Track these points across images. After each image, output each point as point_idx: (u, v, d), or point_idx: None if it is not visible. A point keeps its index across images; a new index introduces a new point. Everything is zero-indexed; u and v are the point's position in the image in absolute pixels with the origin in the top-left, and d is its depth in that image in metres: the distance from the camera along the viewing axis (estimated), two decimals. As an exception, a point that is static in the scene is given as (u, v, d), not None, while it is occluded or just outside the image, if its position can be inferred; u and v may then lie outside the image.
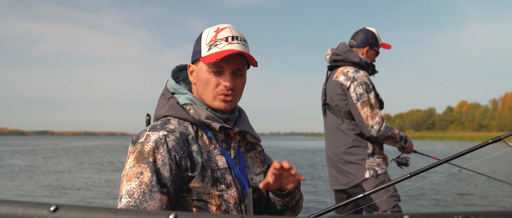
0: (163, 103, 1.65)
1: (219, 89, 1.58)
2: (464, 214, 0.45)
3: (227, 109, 1.62)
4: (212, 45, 1.56)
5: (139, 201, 1.35)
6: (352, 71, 3.35)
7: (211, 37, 1.57)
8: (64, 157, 28.23)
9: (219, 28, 1.59)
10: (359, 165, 3.28)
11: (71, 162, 23.73)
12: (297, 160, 25.22)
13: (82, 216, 0.55)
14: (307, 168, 19.12)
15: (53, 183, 13.71)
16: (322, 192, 10.89)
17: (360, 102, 3.24)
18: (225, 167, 1.56)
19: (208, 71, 1.57)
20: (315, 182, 13.54)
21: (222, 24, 1.61)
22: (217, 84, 1.58)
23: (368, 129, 3.21)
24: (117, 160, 25.34)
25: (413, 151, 3.53)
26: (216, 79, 1.58)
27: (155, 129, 1.51)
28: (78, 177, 15.60)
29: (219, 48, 1.54)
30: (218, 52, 1.53)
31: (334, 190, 3.58)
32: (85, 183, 13.90)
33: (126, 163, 1.48)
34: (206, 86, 1.59)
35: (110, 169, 19.20)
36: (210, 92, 1.59)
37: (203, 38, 1.60)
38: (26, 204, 0.55)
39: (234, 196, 1.54)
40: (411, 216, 0.48)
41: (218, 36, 1.56)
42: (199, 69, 1.61)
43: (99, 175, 16.42)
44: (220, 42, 1.55)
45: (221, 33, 1.57)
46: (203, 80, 1.59)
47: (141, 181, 1.38)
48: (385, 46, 3.64)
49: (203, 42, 1.59)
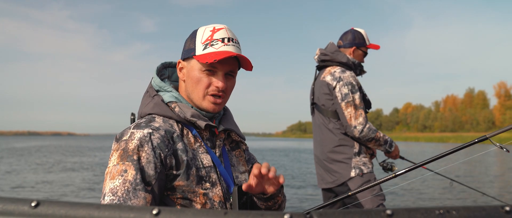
0: (148, 101, 1.63)
1: (210, 89, 1.58)
2: (445, 209, 0.46)
3: (215, 111, 1.62)
4: (208, 44, 1.55)
5: (123, 199, 1.34)
6: (338, 71, 3.36)
7: (207, 37, 1.56)
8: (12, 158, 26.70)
9: (215, 28, 1.58)
10: (345, 164, 3.30)
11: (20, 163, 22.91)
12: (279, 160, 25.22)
13: (64, 212, 0.55)
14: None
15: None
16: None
17: (345, 102, 3.26)
18: (210, 165, 1.56)
19: (200, 70, 1.56)
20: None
21: (218, 25, 1.60)
22: (208, 84, 1.57)
23: (351, 129, 3.23)
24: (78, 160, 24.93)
25: (399, 156, 3.53)
26: (208, 79, 1.57)
27: (139, 127, 1.49)
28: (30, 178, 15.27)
29: (215, 49, 1.54)
30: (215, 52, 1.52)
31: (321, 188, 3.60)
32: (36, 183, 13.69)
33: (109, 160, 1.46)
34: (196, 85, 1.58)
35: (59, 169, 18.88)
36: (201, 91, 1.58)
37: (198, 36, 1.58)
38: (6, 200, 0.54)
39: (219, 195, 1.54)
40: (393, 211, 0.48)
41: (215, 36, 1.55)
42: (191, 67, 1.59)
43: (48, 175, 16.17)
44: (216, 43, 1.54)
45: (218, 33, 1.56)
46: (194, 79, 1.58)
47: (125, 179, 1.37)
48: (373, 47, 3.65)
49: (198, 40, 1.57)
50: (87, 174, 16.86)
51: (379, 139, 3.29)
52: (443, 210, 0.46)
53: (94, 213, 0.55)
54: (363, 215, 0.49)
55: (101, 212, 0.55)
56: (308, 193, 11.19)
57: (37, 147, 45.77)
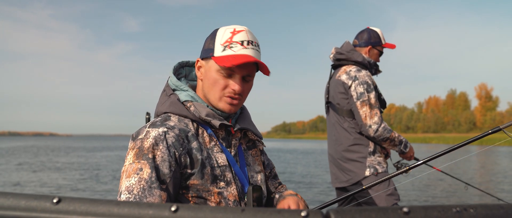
0: (164, 100, 1.64)
1: (226, 91, 1.58)
2: (463, 206, 0.46)
3: (231, 112, 1.62)
4: (227, 46, 1.54)
5: (138, 197, 1.35)
6: (354, 71, 3.34)
7: (226, 38, 1.55)
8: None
9: (235, 30, 1.56)
10: (360, 163, 3.28)
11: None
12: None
13: (85, 208, 0.56)
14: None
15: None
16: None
17: (360, 101, 3.24)
18: (225, 165, 1.56)
19: (218, 71, 1.56)
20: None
21: (239, 26, 1.58)
22: (225, 86, 1.57)
23: (366, 128, 3.20)
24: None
25: (414, 158, 3.49)
26: (225, 80, 1.57)
27: (155, 125, 1.50)
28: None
29: (234, 52, 1.53)
30: (233, 56, 1.52)
31: (335, 188, 3.58)
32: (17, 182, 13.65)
33: (125, 159, 1.47)
34: (213, 86, 1.58)
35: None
36: (217, 92, 1.58)
37: (218, 37, 1.57)
38: (29, 197, 0.55)
39: (233, 194, 1.55)
40: (410, 208, 0.48)
41: (234, 39, 1.54)
42: (209, 67, 1.59)
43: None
44: (235, 45, 1.53)
45: (237, 35, 1.55)
46: (211, 80, 1.58)
47: (141, 177, 1.38)
48: (389, 46, 3.62)
49: (218, 41, 1.56)
50: (71, 174, 16.68)
51: (394, 139, 3.26)
52: (460, 208, 0.46)
53: (113, 210, 0.56)
54: (380, 212, 0.48)
55: (121, 209, 0.56)
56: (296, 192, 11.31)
57: (22, 148, 45.12)
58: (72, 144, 68.32)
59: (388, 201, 3.17)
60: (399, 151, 3.36)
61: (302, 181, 14.66)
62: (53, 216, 0.54)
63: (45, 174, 16.78)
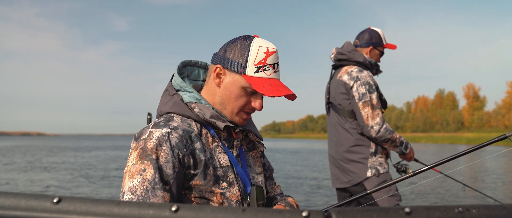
0: (167, 100, 1.64)
1: (247, 108, 1.60)
2: (465, 207, 0.46)
3: (243, 125, 1.66)
4: (261, 69, 1.54)
5: (141, 198, 1.35)
6: (356, 71, 3.33)
7: (260, 59, 1.54)
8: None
9: (269, 51, 1.55)
10: (362, 164, 3.27)
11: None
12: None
13: (85, 208, 0.56)
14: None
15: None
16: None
17: (362, 102, 3.23)
18: (227, 165, 1.56)
19: (243, 88, 1.56)
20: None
21: (272, 46, 1.57)
22: (247, 103, 1.59)
23: (368, 129, 3.20)
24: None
25: (414, 159, 3.51)
26: (247, 98, 1.58)
27: (158, 126, 1.50)
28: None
29: (267, 75, 1.54)
30: (267, 80, 1.54)
31: (336, 188, 3.57)
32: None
33: (128, 159, 1.47)
34: (235, 101, 1.58)
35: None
36: (237, 108, 1.59)
37: (252, 53, 1.54)
38: (29, 196, 0.55)
39: (236, 194, 1.55)
40: (412, 209, 0.48)
41: (268, 61, 1.55)
42: (234, 81, 1.57)
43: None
44: (268, 68, 1.55)
45: (271, 57, 1.55)
46: (233, 94, 1.58)
47: (144, 178, 1.38)
48: (389, 47, 3.62)
49: (251, 58, 1.54)
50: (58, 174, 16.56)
51: (395, 140, 3.26)
52: (462, 208, 0.46)
53: (114, 210, 0.56)
54: (382, 213, 0.48)
55: (121, 209, 0.56)
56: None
57: (9, 147, 44.65)
58: (60, 143, 67.77)
59: (390, 202, 3.17)
60: (399, 152, 3.36)
61: (289, 179, 14.69)
62: (53, 215, 0.54)
63: (34, 174, 16.64)
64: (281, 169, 18.71)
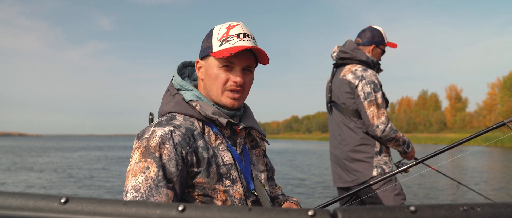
0: (169, 100, 1.65)
1: (228, 85, 1.59)
2: (470, 205, 0.46)
3: (234, 106, 1.63)
4: (224, 41, 1.57)
5: (145, 196, 1.35)
6: (360, 70, 3.31)
7: (222, 33, 1.58)
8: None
9: (230, 25, 1.60)
10: (367, 163, 3.26)
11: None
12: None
13: (92, 208, 0.56)
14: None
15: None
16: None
17: (367, 101, 3.22)
18: (230, 163, 1.57)
19: (218, 66, 1.58)
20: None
21: (233, 22, 1.62)
22: (226, 79, 1.59)
23: (373, 128, 3.19)
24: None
25: (414, 158, 3.46)
26: (225, 74, 1.59)
27: (161, 125, 1.51)
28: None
29: (231, 44, 1.55)
30: (231, 47, 1.54)
31: (337, 188, 3.56)
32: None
33: (131, 158, 1.47)
34: (215, 81, 1.60)
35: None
36: (219, 87, 1.60)
37: (214, 34, 1.60)
38: (37, 197, 0.55)
39: (239, 192, 1.55)
40: (417, 207, 0.48)
41: (230, 33, 1.57)
42: (209, 64, 1.61)
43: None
44: (232, 39, 1.56)
45: (233, 29, 1.58)
46: (212, 76, 1.60)
47: (147, 176, 1.38)
48: (391, 45, 3.60)
49: (214, 38, 1.59)
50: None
51: (399, 139, 3.26)
52: (467, 207, 0.46)
53: (121, 209, 0.56)
54: (387, 211, 0.48)
55: (128, 209, 0.56)
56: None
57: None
58: (43, 144, 66.98)
59: (395, 200, 3.17)
60: (402, 151, 3.36)
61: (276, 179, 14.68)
62: (61, 216, 0.54)
63: (16, 174, 16.41)
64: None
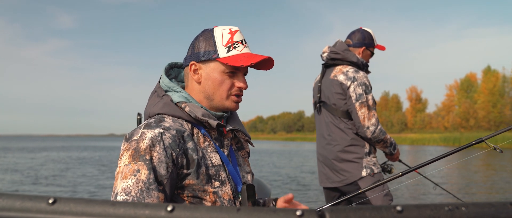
0: (156, 101, 1.64)
1: (233, 90, 1.63)
2: (455, 205, 0.47)
3: (236, 109, 1.67)
4: (231, 47, 1.58)
5: (136, 199, 1.35)
6: (352, 71, 3.33)
7: (227, 39, 1.59)
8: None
9: (231, 30, 1.61)
10: (357, 163, 3.29)
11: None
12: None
13: (80, 209, 0.55)
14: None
15: None
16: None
17: (359, 102, 3.24)
18: (219, 164, 1.58)
19: (223, 72, 1.60)
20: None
21: (232, 26, 1.63)
22: (231, 85, 1.62)
23: (364, 129, 3.22)
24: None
25: (398, 160, 3.57)
26: (230, 80, 1.61)
27: (150, 127, 1.50)
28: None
29: (239, 51, 1.59)
30: (240, 55, 1.58)
31: (324, 187, 3.58)
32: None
33: (119, 160, 1.46)
34: (219, 87, 1.61)
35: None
36: (224, 92, 1.61)
37: (217, 38, 1.60)
38: (24, 197, 0.54)
39: (228, 193, 1.56)
40: (403, 207, 0.49)
41: (234, 39, 1.60)
42: (211, 69, 1.61)
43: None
44: (237, 45, 1.59)
45: (236, 35, 1.61)
46: (217, 81, 1.60)
47: (138, 179, 1.38)
48: (380, 48, 3.64)
49: (218, 43, 1.59)
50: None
51: (387, 141, 3.30)
52: (452, 207, 0.47)
53: (109, 210, 0.56)
54: (374, 211, 0.49)
55: (117, 209, 0.56)
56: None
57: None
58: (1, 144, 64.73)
59: (383, 201, 3.21)
60: (388, 152, 3.41)
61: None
62: (48, 216, 0.54)
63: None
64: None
